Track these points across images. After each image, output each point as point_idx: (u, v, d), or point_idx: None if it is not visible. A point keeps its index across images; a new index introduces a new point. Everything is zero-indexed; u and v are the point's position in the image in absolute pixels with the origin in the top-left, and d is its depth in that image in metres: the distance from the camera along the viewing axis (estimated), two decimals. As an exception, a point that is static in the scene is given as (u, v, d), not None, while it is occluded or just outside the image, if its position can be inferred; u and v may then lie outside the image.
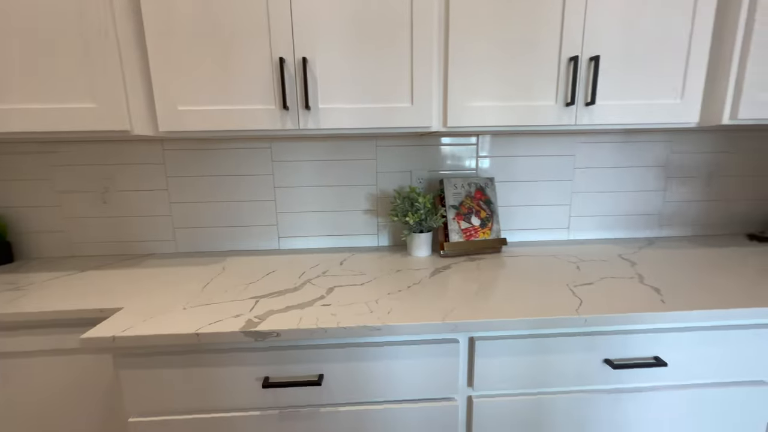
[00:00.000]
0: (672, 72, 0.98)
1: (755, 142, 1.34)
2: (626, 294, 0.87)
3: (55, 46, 0.86)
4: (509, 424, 0.83)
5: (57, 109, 0.87)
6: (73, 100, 0.87)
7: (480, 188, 1.24)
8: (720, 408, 0.85)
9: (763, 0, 0.90)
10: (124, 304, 0.87)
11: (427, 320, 0.75)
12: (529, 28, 0.94)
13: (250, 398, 0.78)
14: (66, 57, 0.86)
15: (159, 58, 0.89)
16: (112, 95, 0.87)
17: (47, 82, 0.87)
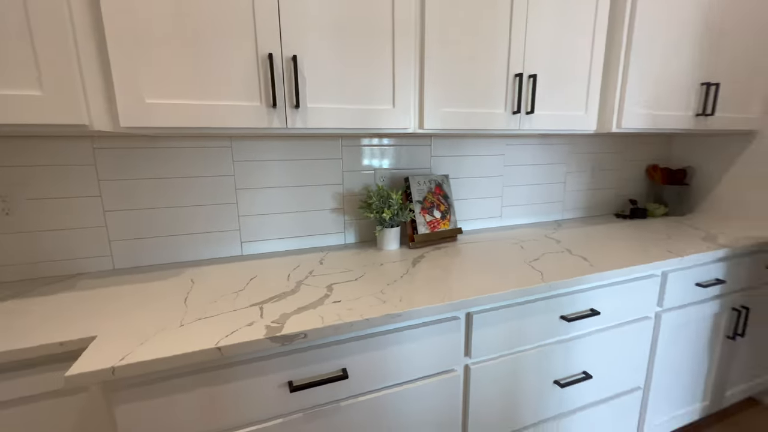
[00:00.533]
0: (579, 90, 1.27)
1: (622, 144, 1.81)
2: (566, 264, 1.10)
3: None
4: (496, 382, 0.98)
5: None
6: (9, 84, 0.69)
7: (438, 184, 1.38)
8: (627, 338, 1.16)
9: (636, 38, 1.25)
10: (94, 331, 0.73)
11: (433, 303, 0.84)
12: (486, 45, 1.10)
13: (272, 407, 0.76)
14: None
15: (121, 38, 0.77)
16: (64, 81, 0.72)
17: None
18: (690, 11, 1.32)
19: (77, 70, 0.73)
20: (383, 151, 1.36)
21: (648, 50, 1.28)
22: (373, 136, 1.32)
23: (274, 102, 0.89)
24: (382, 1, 0.96)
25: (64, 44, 0.71)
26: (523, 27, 1.13)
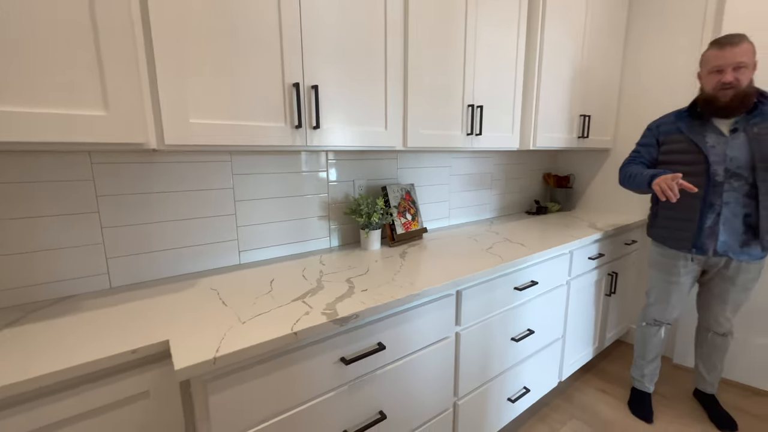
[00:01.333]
0: (508, 117, 1.67)
1: (526, 157, 2.33)
2: (510, 248, 1.46)
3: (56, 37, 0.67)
4: (476, 343, 1.27)
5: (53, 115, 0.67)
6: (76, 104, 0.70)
7: (408, 192, 1.64)
8: (552, 301, 1.58)
9: (544, 81, 1.71)
10: (161, 338, 0.77)
11: (436, 284, 1.09)
12: (449, 82, 1.41)
13: (328, 381, 0.90)
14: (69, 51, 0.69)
15: (169, 63, 0.83)
16: (129, 105, 0.75)
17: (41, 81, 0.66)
18: (568, 63, 1.85)
19: (140, 95, 0.78)
20: (361, 164, 1.56)
21: (548, 90, 1.76)
22: (367, 152, 1.52)
23: (299, 123, 1.03)
24: (378, 51, 1.19)
25: (131, 72, 0.76)
26: (472, 69, 1.47)
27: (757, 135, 1.28)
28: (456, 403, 1.26)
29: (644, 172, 1.44)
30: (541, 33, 1.66)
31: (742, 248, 1.36)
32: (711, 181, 1.34)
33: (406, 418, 1.10)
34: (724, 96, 1.29)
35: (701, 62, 1.39)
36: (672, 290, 1.54)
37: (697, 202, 1.37)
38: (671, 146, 1.46)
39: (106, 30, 0.73)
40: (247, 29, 0.93)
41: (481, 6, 1.46)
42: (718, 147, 1.33)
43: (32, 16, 0.67)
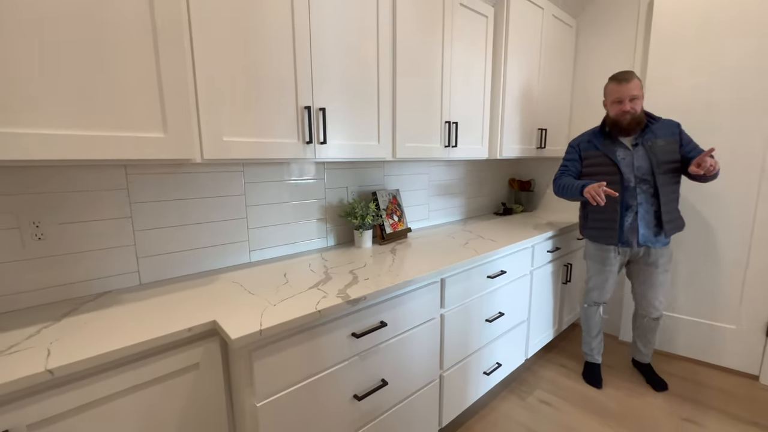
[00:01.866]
0: (478, 131, 1.94)
1: (494, 164, 2.62)
2: (483, 244, 1.72)
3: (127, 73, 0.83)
4: (457, 323, 1.50)
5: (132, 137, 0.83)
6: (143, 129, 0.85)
7: (394, 196, 1.86)
8: (519, 288, 1.85)
9: (508, 100, 1.99)
10: (209, 318, 0.94)
11: (426, 272, 1.31)
12: (429, 103, 1.65)
13: (342, 352, 1.09)
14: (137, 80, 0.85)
15: (208, 95, 1.00)
16: (183, 128, 0.92)
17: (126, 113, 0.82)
18: (523, 81, 2.16)
19: (189, 120, 0.95)
20: (353, 173, 1.77)
21: (511, 107, 2.05)
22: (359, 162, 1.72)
23: (309, 139, 1.22)
24: (372, 79, 1.41)
25: (185, 102, 0.93)
26: (449, 91, 1.72)
27: (651, 147, 1.64)
28: (442, 375, 1.48)
29: (574, 183, 1.71)
30: (504, 59, 1.94)
31: (656, 237, 1.69)
32: (626, 187, 1.67)
33: (403, 386, 1.31)
34: (624, 120, 1.64)
35: (605, 93, 1.72)
36: (607, 277, 1.85)
37: (617, 205, 1.68)
38: (591, 161, 1.77)
39: (168, 78, 0.90)
40: (269, 67, 1.12)
41: (455, 39, 1.72)
42: (627, 159, 1.66)
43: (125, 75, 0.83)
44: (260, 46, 1.10)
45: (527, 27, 2.05)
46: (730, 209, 1.96)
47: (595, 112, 2.40)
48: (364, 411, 1.19)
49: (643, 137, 1.67)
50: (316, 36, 1.22)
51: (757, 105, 1.83)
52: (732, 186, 1.93)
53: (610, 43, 2.33)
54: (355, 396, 1.15)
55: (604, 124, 1.77)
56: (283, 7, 1.13)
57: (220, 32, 1.02)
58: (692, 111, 1.99)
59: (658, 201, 1.66)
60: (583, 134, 1.87)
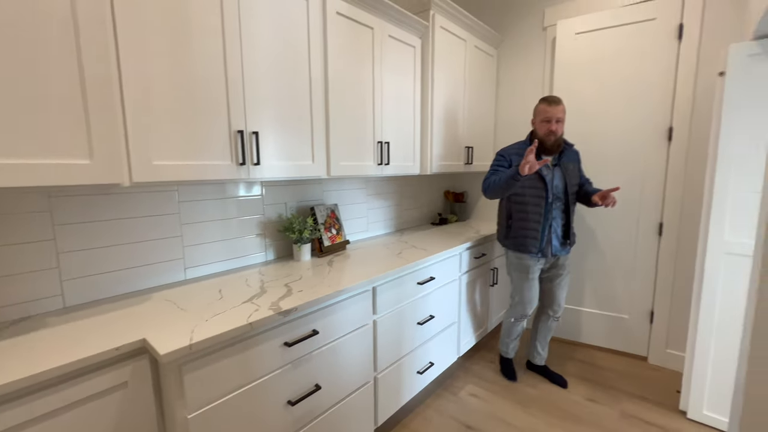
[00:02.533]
0: (410, 149, 2.12)
1: (431, 178, 2.83)
2: (414, 253, 1.88)
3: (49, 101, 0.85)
4: (390, 328, 1.64)
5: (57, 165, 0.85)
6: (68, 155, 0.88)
7: (332, 210, 1.96)
8: (448, 292, 2.03)
9: (435, 117, 2.20)
10: (137, 337, 0.97)
11: (358, 282, 1.43)
12: (362, 125, 1.79)
13: (275, 361, 1.17)
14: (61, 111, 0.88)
15: (137, 120, 1.05)
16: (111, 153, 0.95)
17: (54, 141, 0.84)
18: (450, 104, 2.40)
19: (117, 146, 0.98)
20: (292, 189, 1.85)
21: (439, 127, 2.27)
22: (302, 179, 1.80)
23: (243, 161, 1.30)
24: (305, 103, 1.51)
25: (113, 126, 0.97)
26: (380, 113, 1.88)
27: (566, 170, 1.90)
28: (376, 377, 1.60)
29: (504, 173, 1.78)
30: (431, 85, 2.15)
31: (563, 248, 1.95)
32: (547, 202, 1.89)
33: (337, 389, 1.40)
34: (549, 140, 1.87)
35: (536, 112, 1.91)
36: (531, 286, 1.99)
37: (540, 217, 1.89)
38: None
39: (93, 101, 0.94)
40: (200, 92, 1.18)
41: (385, 66, 1.88)
42: (548, 176, 1.91)
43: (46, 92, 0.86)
44: (191, 71, 1.16)
45: (452, 56, 2.29)
46: (622, 218, 2.32)
47: (516, 131, 2.69)
48: (298, 415, 1.26)
49: (560, 159, 1.90)
50: (248, 61, 1.30)
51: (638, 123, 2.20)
52: (622, 197, 2.30)
53: (525, 71, 2.66)
54: (289, 402, 1.22)
55: (530, 141, 1.91)
56: (213, 34, 1.20)
57: (150, 55, 1.07)
58: (586, 132, 2.33)
59: (567, 217, 1.91)
60: (511, 146, 1.97)
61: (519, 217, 1.94)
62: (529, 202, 1.88)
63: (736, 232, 1.57)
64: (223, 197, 1.57)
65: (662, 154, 2.15)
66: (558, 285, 2.05)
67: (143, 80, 1.05)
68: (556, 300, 2.07)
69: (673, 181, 2.13)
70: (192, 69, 1.16)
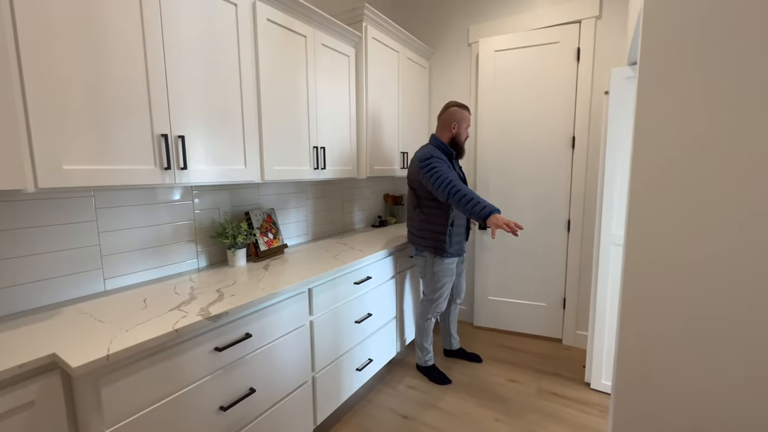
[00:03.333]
0: (347, 153, 2.19)
1: (371, 181, 2.92)
2: (351, 254, 1.95)
3: None
4: (327, 327, 1.68)
5: None
6: None
7: (269, 215, 1.96)
8: (386, 291, 2.13)
9: (370, 119, 2.30)
10: (52, 350, 0.91)
11: (292, 284, 1.46)
12: (297, 130, 1.83)
13: (205, 367, 1.16)
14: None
15: (43, 121, 0.99)
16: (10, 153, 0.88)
17: None
18: (386, 111, 2.52)
19: (18, 149, 0.92)
20: (225, 193, 1.82)
21: (374, 133, 2.37)
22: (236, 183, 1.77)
23: (168, 166, 1.27)
24: (235, 107, 1.51)
25: (12, 126, 0.90)
26: (315, 119, 1.93)
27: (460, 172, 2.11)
28: (314, 376, 1.63)
29: (476, 199, 1.70)
30: (366, 93, 2.25)
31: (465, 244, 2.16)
32: None
33: (273, 391, 1.42)
34: (465, 145, 2.08)
35: (461, 118, 1.98)
36: (450, 287, 2.11)
37: (463, 220, 2.08)
38: None
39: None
40: (118, 93, 1.14)
41: (320, 74, 1.94)
42: (462, 177, 2.12)
43: None
44: (106, 73, 1.12)
45: (385, 66, 2.41)
46: (539, 217, 2.61)
47: (447, 139, 2.90)
48: (232, 420, 1.26)
49: (458, 163, 2.12)
50: (172, 65, 1.27)
51: (548, 132, 2.49)
52: (538, 197, 2.58)
53: (454, 83, 2.88)
54: (221, 407, 1.22)
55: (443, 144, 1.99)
56: (132, 36, 1.17)
57: (57, 54, 1.01)
58: (506, 140, 2.59)
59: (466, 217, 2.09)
60: (432, 149, 1.95)
61: (458, 223, 2.03)
62: None
63: (620, 226, 1.86)
64: (148, 203, 1.51)
65: (567, 160, 2.46)
66: (462, 276, 2.30)
67: (49, 79, 1.00)
68: (462, 289, 2.33)
69: (577, 183, 2.45)
70: (107, 71, 1.12)
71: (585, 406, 1.94)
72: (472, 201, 1.71)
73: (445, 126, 2.04)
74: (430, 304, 2.14)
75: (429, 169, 1.86)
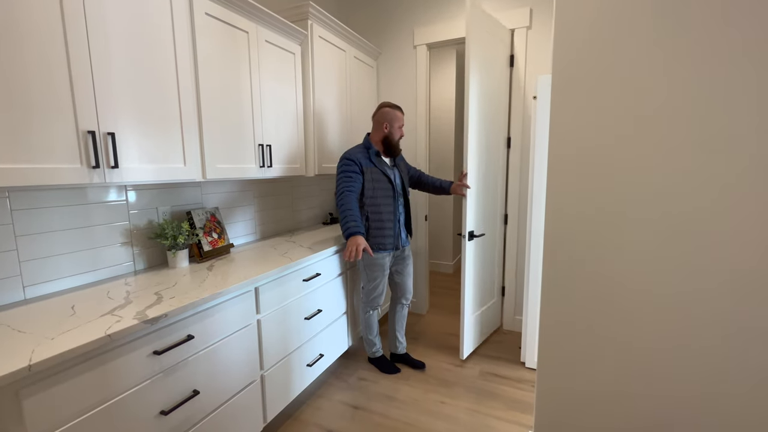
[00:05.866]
0: (295, 151, 2.19)
1: (319, 180, 2.93)
2: (300, 251, 1.96)
3: None
4: (275, 325, 1.69)
5: None
6: None
7: (213, 214, 1.91)
8: (334, 288, 2.17)
9: (318, 122, 2.31)
10: (-45, 366, 0.85)
11: (237, 283, 1.46)
12: (240, 127, 1.80)
13: (143, 371, 1.13)
14: None
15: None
16: None
17: None
18: (334, 109, 2.55)
19: None
20: (164, 193, 1.74)
21: (322, 133, 2.39)
22: (176, 182, 1.69)
23: (96, 164, 1.20)
24: (172, 102, 1.46)
25: None
26: (260, 117, 1.90)
27: (401, 169, 2.20)
28: (263, 375, 1.64)
29: (349, 219, 1.91)
30: (312, 91, 2.25)
31: (406, 238, 2.25)
32: (395, 199, 2.12)
33: (219, 391, 1.41)
34: (399, 144, 2.15)
35: (393, 118, 2.05)
36: (384, 281, 2.16)
37: (392, 215, 2.12)
38: (371, 175, 2.03)
39: None
40: (32, 90, 1.06)
41: (264, 71, 1.91)
42: (392, 175, 2.15)
43: None
44: (18, 63, 1.04)
45: (332, 65, 2.43)
46: (482, 212, 2.78)
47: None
48: (175, 424, 1.24)
49: (395, 160, 2.19)
50: (98, 60, 1.21)
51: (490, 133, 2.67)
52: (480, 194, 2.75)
53: (401, 83, 2.97)
54: (162, 412, 1.19)
55: (370, 144, 2.10)
56: (51, 25, 1.09)
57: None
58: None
59: (407, 210, 2.20)
60: (352, 150, 2.08)
61: (375, 218, 2.06)
62: (381, 202, 2.06)
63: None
64: (75, 204, 1.41)
65: (503, 159, 2.66)
66: (407, 275, 2.30)
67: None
68: (407, 289, 2.31)
69: (512, 180, 2.66)
70: (20, 61, 1.04)
71: (519, 383, 2.14)
72: (344, 218, 1.94)
73: (378, 126, 2.11)
74: (366, 296, 2.20)
75: (337, 174, 2.07)
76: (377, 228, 2.08)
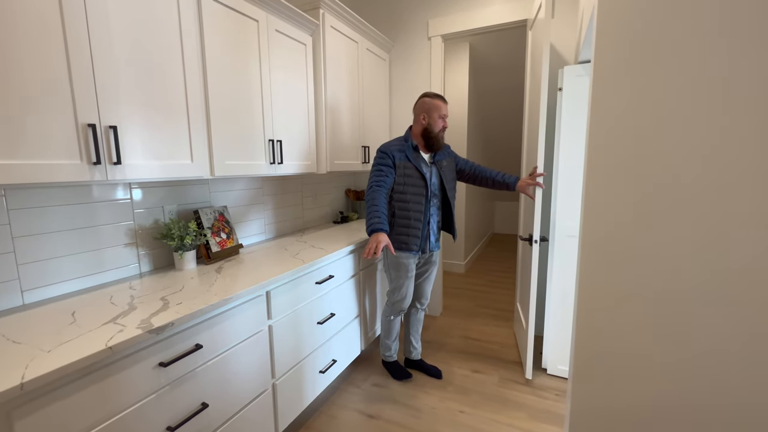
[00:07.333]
0: (306, 147, 2.09)
1: (331, 177, 2.83)
2: (312, 252, 1.87)
3: None
4: (287, 331, 1.60)
5: None
6: None
7: (221, 213, 1.82)
8: (347, 289, 2.07)
9: (330, 119, 2.21)
10: (-60, 384, 0.76)
11: (248, 287, 1.36)
12: (250, 122, 1.70)
13: (149, 385, 1.04)
14: None
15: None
16: None
17: None
18: (346, 103, 2.45)
19: None
20: (171, 191, 1.66)
21: (335, 127, 2.28)
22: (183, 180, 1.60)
23: (97, 160, 1.11)
24: (179, 95, 1.37)
25: None
26: (270, 112, 1.81)
27: (440, 167, 2.00)
28: (274, 383, 1.55)
29: (373, 215, 1.79)
30: (324, 84, 2.15)
31: (436, 243, 2.09)
32: (427, 200, 1.97)
33: (228, 403, 1.32)
34: (441, 136, 1.94)
35: (431, 108, 1.86)
36: (409, 284, 2.01)
37: (420, 215, 1.91)
38: (404, 170, 1.89)
39: None
40: (29, 82, 0.97)
41: (274, 62, 1.81)
42: (428, 174, 1.99)
43: None
44: (12, 54, 0.95)
45: (345, 57, 2.32)
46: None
47: (408, 133, 2.87)
48: (182, 440, 1.15)
49: (435, 157, 1.99)
50: (99, 48, 1.11)
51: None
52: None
53: (415, 76, 2.85)
54: (168, 428, 1.10)
55: (410, 137, 1.94)
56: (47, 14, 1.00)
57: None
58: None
59: (442, 213, 2.06)
60: (390, 143, 1.95)
61: (401, 215, 1.92)
62: (410, 200, 1.91)
63: (573, 217, 1.94)
64: (77, 202, 1.33)
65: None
66: (427, 279, 2.15)
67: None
68: (424, 294, 2.16)
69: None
70: (13, 47, 0.95)
71: (542, 391, 2.03)
72: (369, 214, 1.83)
73: (416, 118, 1.96)
74: (391, 302, 2.09)
75: (372, 168, 1.95)
76: (402, 226, 1.93)
